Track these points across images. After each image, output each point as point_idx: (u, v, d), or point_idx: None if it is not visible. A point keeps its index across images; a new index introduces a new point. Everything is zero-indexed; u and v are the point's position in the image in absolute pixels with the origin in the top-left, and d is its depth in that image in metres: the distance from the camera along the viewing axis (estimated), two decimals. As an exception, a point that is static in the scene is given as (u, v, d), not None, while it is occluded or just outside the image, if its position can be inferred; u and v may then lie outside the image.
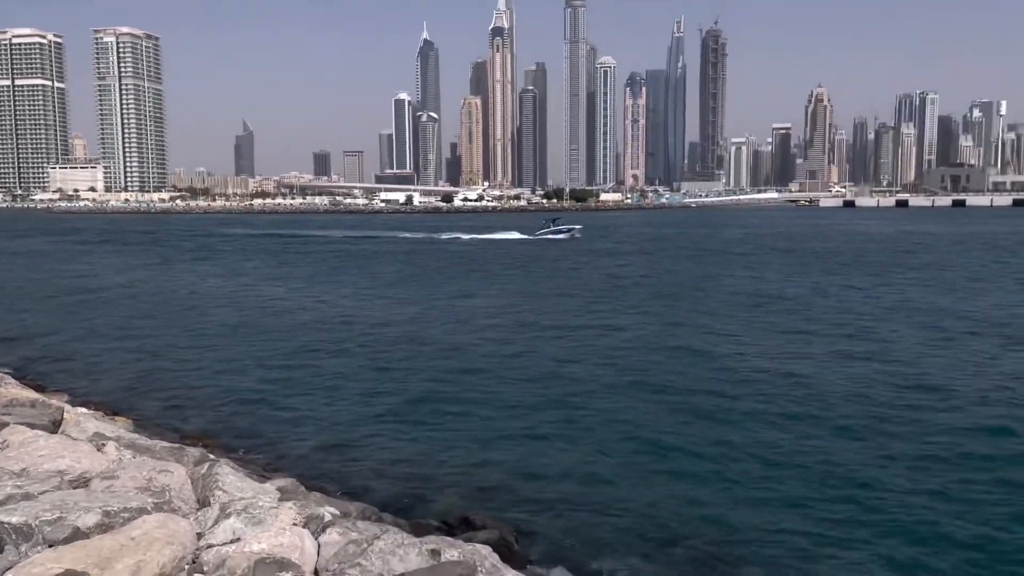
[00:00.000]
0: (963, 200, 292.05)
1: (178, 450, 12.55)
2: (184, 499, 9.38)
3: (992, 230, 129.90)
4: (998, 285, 50.95)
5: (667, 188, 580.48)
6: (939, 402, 22.08)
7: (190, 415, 21.82)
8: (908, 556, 13.11)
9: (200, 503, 9.45)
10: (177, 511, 8.77)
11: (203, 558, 7.53)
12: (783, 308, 41.53)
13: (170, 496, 9.14)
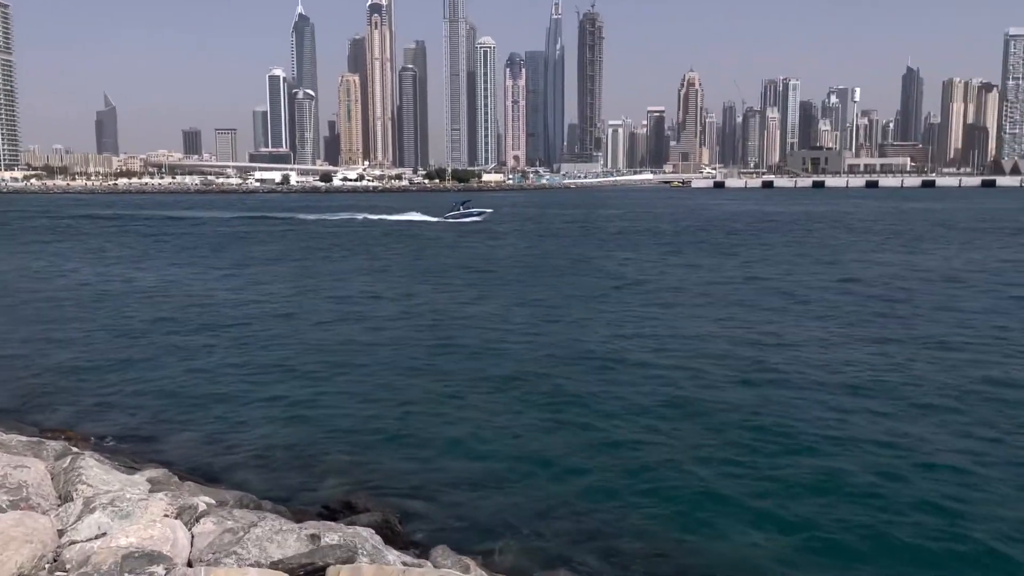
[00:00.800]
0: (822, 181, 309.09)
1: (36, 444, 11.85)
2: (44, 495, 8.88)
3: (843, 210, 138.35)
4: (843, 263, 54.58)
5: (548, 169, 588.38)
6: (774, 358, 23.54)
7: (52, 408, 20.60)
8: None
9: (62, 498, 8.97)
10: (36, 508, 8.30)
11: (65, 556, 7.17)
12: (656, 286, 43.00)
13: (27, 493, 8.63)
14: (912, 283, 42.74)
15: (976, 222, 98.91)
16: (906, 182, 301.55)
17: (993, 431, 18.05)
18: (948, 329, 29.71)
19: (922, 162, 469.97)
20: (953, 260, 54.75)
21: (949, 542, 13.00)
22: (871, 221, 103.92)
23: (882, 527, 13.49)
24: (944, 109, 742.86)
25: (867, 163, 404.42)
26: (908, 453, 16.78)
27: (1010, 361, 24.50)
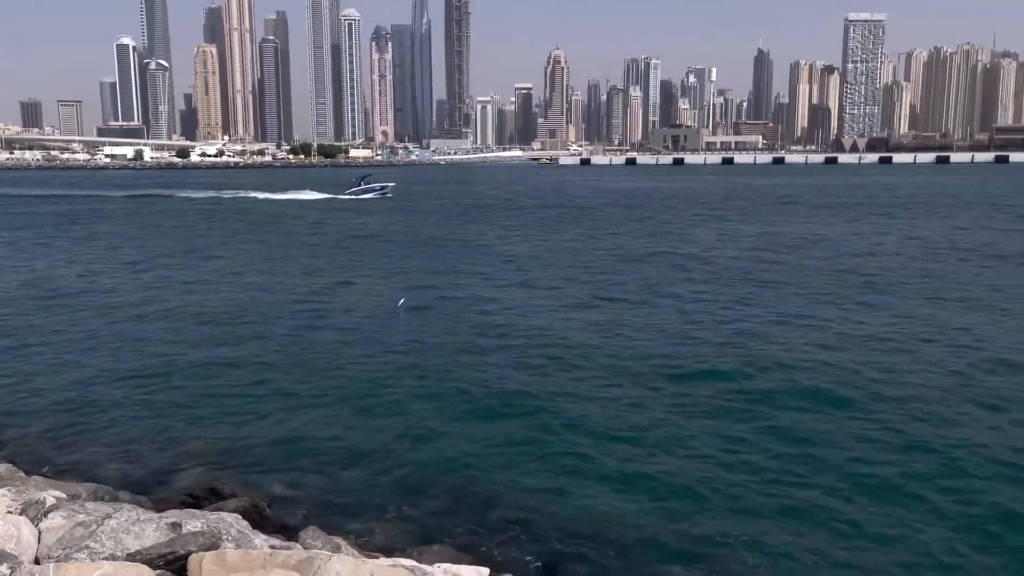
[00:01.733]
0: (682, 158, 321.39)
1: None
2: None
3: (698, 186, 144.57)
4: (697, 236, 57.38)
5: (417, 145, 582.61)
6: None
7: None
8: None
9: None
10: None
11: None
12: (529, 262, 43.77)
13: None
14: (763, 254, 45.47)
15: (821, 197, 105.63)
16: (758, 159, 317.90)
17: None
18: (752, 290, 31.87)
19: (773, 140, 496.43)
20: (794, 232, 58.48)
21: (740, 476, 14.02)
22: (722, 197, 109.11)
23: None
24: (792, 90, 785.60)
25: (723, 141, 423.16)
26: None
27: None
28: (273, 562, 7.55)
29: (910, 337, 24.93)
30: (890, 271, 38.80)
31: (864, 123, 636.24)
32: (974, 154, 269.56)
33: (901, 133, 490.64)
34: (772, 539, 12.50)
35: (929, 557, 11.99)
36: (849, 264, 41.42)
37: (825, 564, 11.86)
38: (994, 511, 13.29)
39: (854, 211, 79.19)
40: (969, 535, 12.58)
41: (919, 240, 52.60)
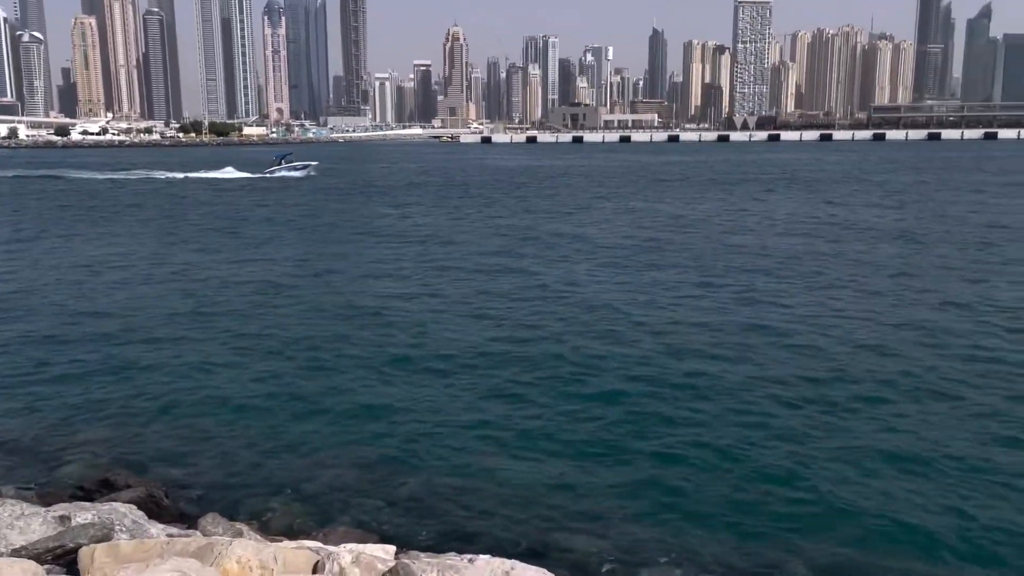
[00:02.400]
0: (581, 137, 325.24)
1: None
2: None
3: (598, 164, 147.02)
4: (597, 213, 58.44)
5: (314, 123, 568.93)
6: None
7: None
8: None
9: None
10: None
11: None
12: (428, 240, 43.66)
13: None
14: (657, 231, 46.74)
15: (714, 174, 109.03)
16: (655, 137, 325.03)
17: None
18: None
19: (668, 118, 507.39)
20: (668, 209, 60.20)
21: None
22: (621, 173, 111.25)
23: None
24: (685, 69, 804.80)
25: (620, 119, 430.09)
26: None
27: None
28: (171, 550, 7.36)
29: (777, 312, 26.20)
30: (766, 248, 40.57)
31: (754, 102, 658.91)
32: (854, 132, 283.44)
33: (788, 112, 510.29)
34: (660, 501, 12.99)
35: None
36: (729, 240, 43.09)
37: (665, 527, 12.41)
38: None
39: (754, 186, 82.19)
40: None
41: (802, 215, 55.12)
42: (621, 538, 11.97)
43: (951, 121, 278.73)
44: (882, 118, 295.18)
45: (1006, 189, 75.39)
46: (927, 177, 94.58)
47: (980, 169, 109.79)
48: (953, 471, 14.00)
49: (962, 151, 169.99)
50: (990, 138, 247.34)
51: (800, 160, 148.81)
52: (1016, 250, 37.78)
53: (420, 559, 7.89)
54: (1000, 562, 11.34)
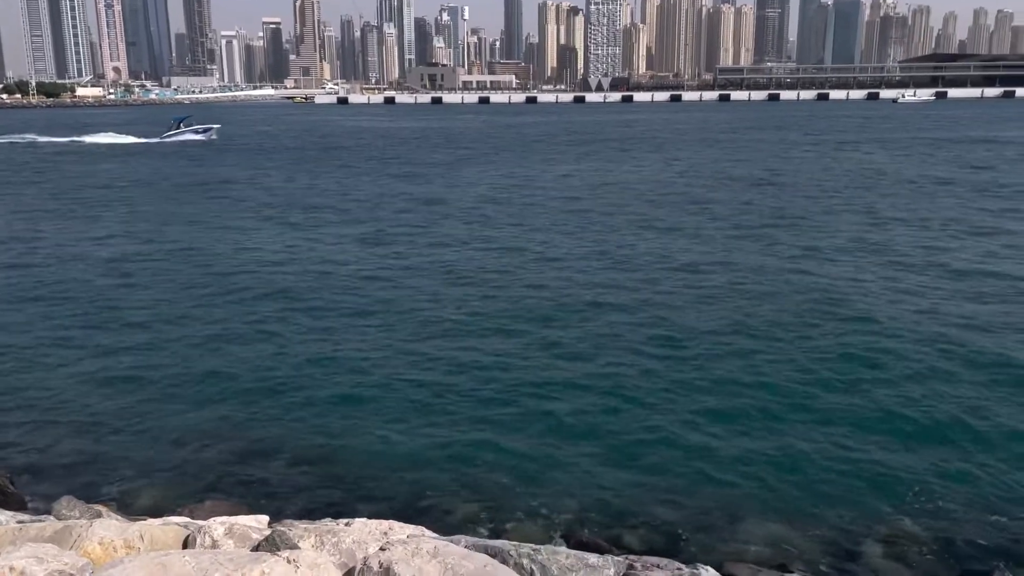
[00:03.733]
0: (440, 97, 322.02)
1: None
2: None
3: (453, 125, 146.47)
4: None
5: (156, 83, 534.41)
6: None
7: None
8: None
9: None
10: None
11: None
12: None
13: None
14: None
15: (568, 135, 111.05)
16: (513, 98, 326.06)
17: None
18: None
19: (525, 79, 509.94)
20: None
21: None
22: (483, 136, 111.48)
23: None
24: (541, 30, 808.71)
25: (479, 80, 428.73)
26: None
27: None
28: (24, 536, 6.99)
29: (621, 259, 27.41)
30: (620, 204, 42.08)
31: (607, 63, 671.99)
32: (702, 93, 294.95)
33: (640, 73, 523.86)
34: (531, 465, 13.45)
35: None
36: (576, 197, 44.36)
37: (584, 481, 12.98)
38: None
39: (645, 144, 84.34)
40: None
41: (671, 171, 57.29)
42: (495, 499, 12.32)
43: (788, 83, 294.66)
44: (727, 79, 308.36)
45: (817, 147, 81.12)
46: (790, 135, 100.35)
47: (808, 127, 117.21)
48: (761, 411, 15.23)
49: (797, 111, 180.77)
50: (822, 99, 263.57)
51: (659, 119, 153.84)
52: (833, 200, 41.04)
53: (296, 526, 7.85)
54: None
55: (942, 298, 22.61)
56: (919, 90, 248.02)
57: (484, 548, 6.51)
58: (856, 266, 26.85)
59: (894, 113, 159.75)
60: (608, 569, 6.71)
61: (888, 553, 10.96)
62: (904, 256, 28.34)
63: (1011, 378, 16.59)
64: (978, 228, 33.61)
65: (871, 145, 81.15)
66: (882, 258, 28.12)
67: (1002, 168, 57.20)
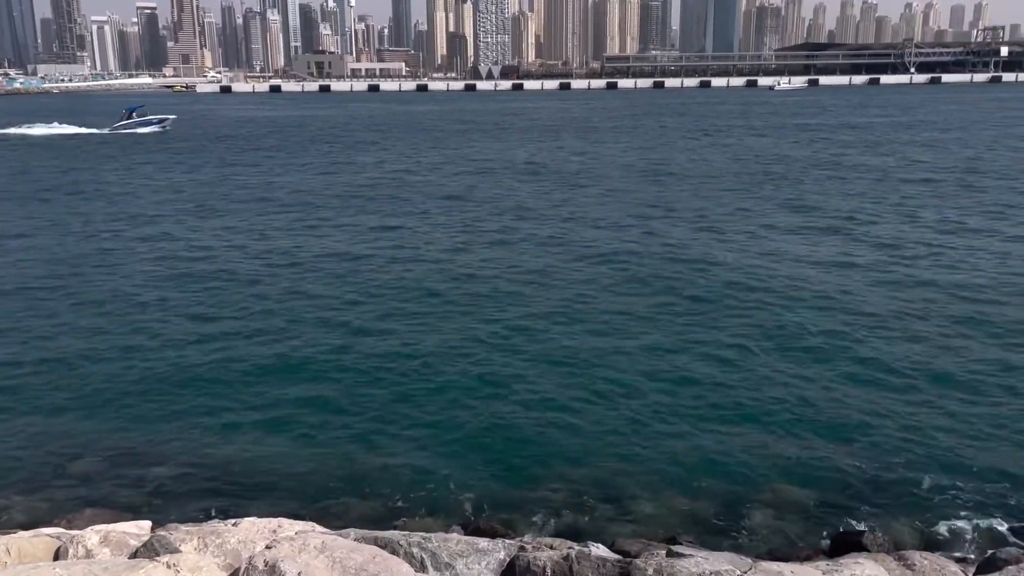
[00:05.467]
0: (328, 85, 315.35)
1: None
2: None
3: (342, 114, 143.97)
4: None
5: (20, 71, 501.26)
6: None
7: None
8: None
9: None
10: None
11: None
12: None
13: None
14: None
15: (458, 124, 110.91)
16: (403, 86, 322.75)
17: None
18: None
19: (415, 67, 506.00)
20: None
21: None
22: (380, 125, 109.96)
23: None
24: (430, 18, 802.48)
25: (368, 68, 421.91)
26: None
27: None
28: None
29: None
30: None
31: (497, 51, 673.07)
32: (590, 81, 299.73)
33: (530, 61, 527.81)
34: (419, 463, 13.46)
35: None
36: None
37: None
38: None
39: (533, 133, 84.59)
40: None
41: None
42: (392, 492, 12.26)
43: (672, 71, 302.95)
44: (614, 67, 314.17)
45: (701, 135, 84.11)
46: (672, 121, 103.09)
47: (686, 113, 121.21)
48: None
49: (682, 98, 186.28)
50: (704, 86, 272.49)
51: (553, 107, 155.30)
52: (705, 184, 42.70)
53: (179, 530, 7.61)
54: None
55: (805, 275, 23.93)
56: (793, 78, 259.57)
57: (373, 540, 6.50)
58: (729, 248, 28.02)
59: (771, 100, 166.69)
60: (499, 552, 6.82)
61: (770, 517, 11.54)
62: (771, 243, 29.80)
63: (878, 354, 17.70)
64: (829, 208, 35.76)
65: (745, 131, 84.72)
66: (757, 246, 29.45)
67: (855, 149, 60.93)
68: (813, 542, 10.93)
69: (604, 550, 7.86)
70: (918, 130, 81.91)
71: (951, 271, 24.29)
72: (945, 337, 18.42)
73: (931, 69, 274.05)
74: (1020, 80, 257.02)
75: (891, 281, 23.23)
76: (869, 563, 7.06)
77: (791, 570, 6.45)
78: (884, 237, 29.39)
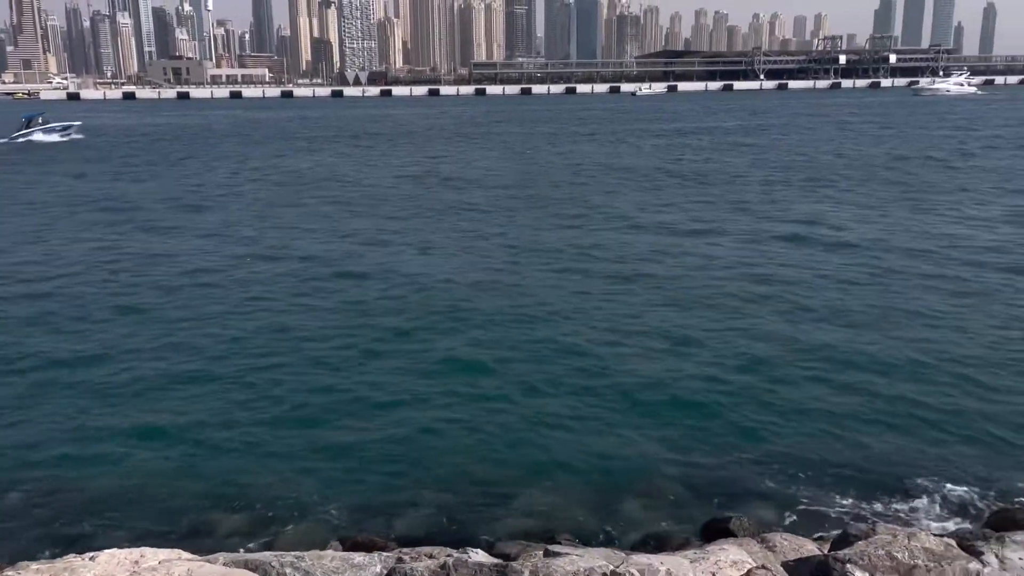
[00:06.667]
0: (187, 92, 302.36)
1: None
2: None
3: (201, 122, 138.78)
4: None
5: None
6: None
7: None
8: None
9: None
10: None
11: None
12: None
13: None
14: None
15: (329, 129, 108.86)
16: (267, 93, 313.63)
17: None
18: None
19: (279, 73, 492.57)
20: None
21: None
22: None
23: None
24: (293, 23, 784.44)
25: (229, 74, 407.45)
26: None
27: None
28: None
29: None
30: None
31: (364, 57, 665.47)
32: (459, 87, 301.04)
33: (397, 67, 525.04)
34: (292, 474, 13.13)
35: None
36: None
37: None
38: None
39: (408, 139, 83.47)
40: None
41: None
42: (264, 509, 11.89)
43: (538, 77, 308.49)
44: (481, 74, 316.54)
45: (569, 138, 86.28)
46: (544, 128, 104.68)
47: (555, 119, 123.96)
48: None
49: (548, 104, 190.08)
50: (570, 92, 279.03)
51: (420, 113, 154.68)
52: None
53: (29, 568, 7.10)
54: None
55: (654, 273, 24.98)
56: (654, 84, 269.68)
57: (244, 563, 6.28)
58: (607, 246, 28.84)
59: (633, 106, 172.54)
60: (375, 566, 6.73)
61: (646, 509, 11.91)
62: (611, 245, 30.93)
63: (736, 345, 18.62)
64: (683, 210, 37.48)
65: (608, 136, 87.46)
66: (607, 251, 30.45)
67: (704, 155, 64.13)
68: (687, 530, 11.35)
69: (482, 555, 7.90)
70: (771, 133, 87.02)
71: (767, 264, 25.89)
72: (793, 324, 19.60)
73: (779, 76, 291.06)
74: (857, 86, 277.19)
75: (742, 275, 24.49)
76: (733, 548, 7.42)
77: (661, 561, 6.69)
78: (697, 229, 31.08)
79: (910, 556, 6.34)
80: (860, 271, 24.88)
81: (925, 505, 12.01)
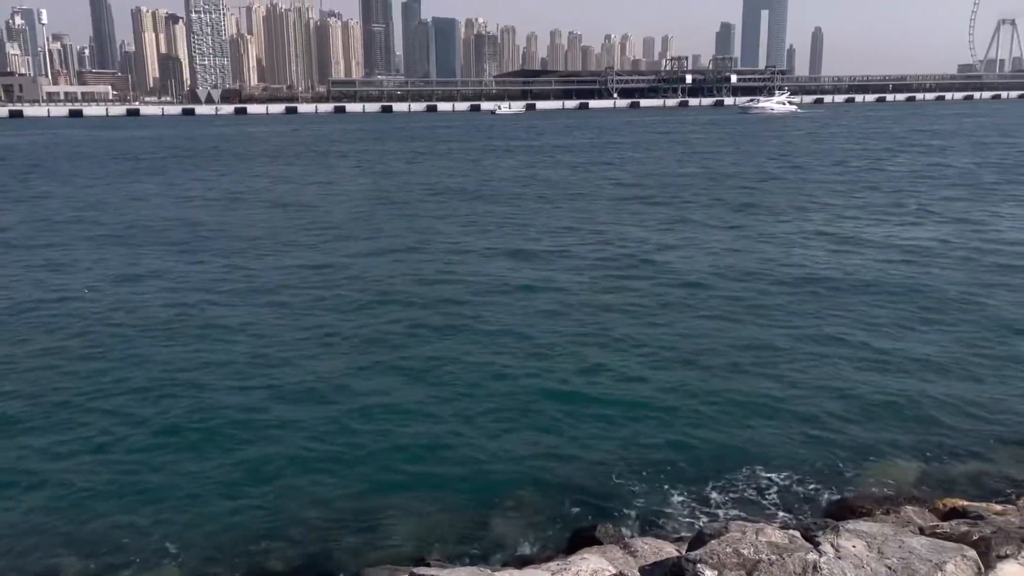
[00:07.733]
0: (20, 111, 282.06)
1: None
2: None
3: (43, 140, 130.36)
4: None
5: None
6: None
7: None
8: None
9: None
10: None
11: None
12: None
13: None
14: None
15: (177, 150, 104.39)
16: (111, 111, 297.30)
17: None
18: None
19: (124, 90, 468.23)
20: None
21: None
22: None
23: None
24: (137, 38, 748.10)
25: (68, 91, 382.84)
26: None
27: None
28: None
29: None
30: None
31: (216, 74, 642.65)
32: (317, 105, 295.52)
33: (252, 85, 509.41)
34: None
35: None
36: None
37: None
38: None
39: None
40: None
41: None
42: (112, 551, 11.23)
43: (399, 95, 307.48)
44: (340, 92, 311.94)
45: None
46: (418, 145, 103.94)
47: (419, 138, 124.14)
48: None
49: (414, 122, 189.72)
50: (431, 110, 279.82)
51: (282, 131, 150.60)
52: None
53: None
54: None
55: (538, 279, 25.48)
56: (513, 102, 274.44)
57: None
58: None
59: (494, 124, 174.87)
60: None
61: (516, 523, 12.03)
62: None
63: (599, 359, 19.18)
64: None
65: (481, 152, 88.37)
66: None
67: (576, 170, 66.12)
68: (559, 540, 11.54)
69: (348, 584, 7.76)
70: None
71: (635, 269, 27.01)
72: (655, 326, 20.41)
73: (631, 95, 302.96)
74: (703, 104, 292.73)
75: (610, 287, 25.29)
76: (595, 557, 7.62)
77: (524, 575, 6.79)
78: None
79: (755, 551, 6.72)
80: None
81: (776, 499, 12.77)
